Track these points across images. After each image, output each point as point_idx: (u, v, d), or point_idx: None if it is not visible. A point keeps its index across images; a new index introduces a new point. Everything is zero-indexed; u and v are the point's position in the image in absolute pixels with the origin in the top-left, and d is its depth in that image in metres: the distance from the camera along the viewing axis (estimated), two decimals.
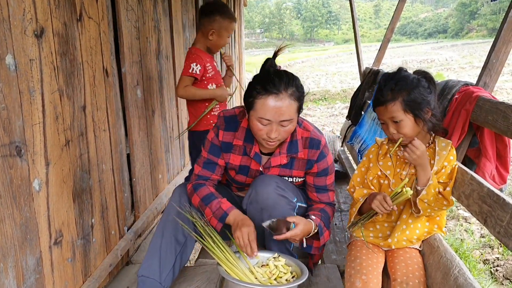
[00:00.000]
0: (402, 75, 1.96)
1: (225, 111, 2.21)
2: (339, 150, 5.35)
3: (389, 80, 1.96)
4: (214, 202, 2.06)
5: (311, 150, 2.12)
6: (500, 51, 2.25)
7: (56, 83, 1.77)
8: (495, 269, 3.45)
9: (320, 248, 2.19)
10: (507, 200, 1.59)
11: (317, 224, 2.07)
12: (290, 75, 1.95)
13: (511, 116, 1.75)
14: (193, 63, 2.86)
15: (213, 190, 2.13)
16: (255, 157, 2.12)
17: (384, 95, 1.94)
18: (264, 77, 1.93)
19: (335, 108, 11.96)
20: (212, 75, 2.99)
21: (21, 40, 1.52)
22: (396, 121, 1.94)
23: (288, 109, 1.89)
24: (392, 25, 5.32)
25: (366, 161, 2.18)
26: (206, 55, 2.97)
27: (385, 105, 1.94)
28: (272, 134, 1.92)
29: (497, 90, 11.60)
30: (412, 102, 1.89)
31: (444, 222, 2.09)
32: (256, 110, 1.91)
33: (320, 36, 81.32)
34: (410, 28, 79.16)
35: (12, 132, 1.48)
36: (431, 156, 2.01)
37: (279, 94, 1.87)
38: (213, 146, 2.17)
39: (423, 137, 2.03)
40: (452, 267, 1.80)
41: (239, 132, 2.12)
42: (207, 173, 2.20)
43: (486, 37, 46.62)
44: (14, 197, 1.49)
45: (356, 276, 1.92)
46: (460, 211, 4.55)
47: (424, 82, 1.95)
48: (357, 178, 2.19)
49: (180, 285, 2.27)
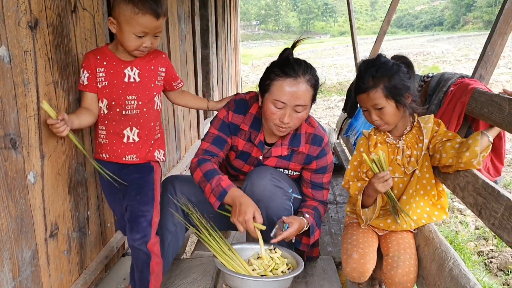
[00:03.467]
0: (382, 61, 1.97)
1: (237, 95, 2.23)
2: (335, 142, 5.36)
3: (370, 67, 1.97)
4: (216, 178, 1.97)
5: (312, 146, 2.12)
6: (495, 43, 2.25)
7: (50, 75, 1.75)
8: (490, 260, 3.48)
9: (309, 245, 2.20)
10: (502, 192, 1.60)
11: (309, 223, 2.09)
12: (308, 63, 1.98)
13: (506, 109, 1.76)
14: (81, 70, 1.91)
15: (216, 167, 2.06)
16: (259, 145, 2.12)
17: (365, 82, 1.95)
18: (283, 62, 1.95)
19: (331, 100, 11.97)
20: (105, 86, 1.91)
21: (15, 32, 1.50)
22: (378, 108, 1.95)
23: (304, 94, 1.91)
24: (388, 17, 5.32)
25: (357, 154, 2.19)
26: (104, 55, 1.92)
27: (367, 93, 1.95)
28: (285, 118, 1.92)
29: (493, 83, 11.61)
30: (393, 88, 1.91)
31: (447, 203, 2.09)
32: (272, 92, 1.92)
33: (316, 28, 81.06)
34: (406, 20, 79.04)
35: (7, 124, 1.47)
36: (418, 133, 2.03)
37: (297, 78, 1.90)
38: (224, 124, 2.16)
39: (405, 121, 2.05)
40: (447, 258, 1.81)
41: (247, 118, 2.13)
42: (215, 149, 2.14)
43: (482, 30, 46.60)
44: (9, 190, 1.48)
45: (353, 250, 1.98)
46: (455, 203, 4.58)
47: (404, 67, 1.96)
48: (351, 173, 2.20)
49: (176, 277, 2.28)
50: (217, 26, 6.69)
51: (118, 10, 1.79)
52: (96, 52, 1.93)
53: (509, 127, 1.75)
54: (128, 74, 1.94)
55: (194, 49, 4.75)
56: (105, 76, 1.91)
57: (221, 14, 7.13)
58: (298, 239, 2.20)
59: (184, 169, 4.24)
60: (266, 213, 2.04)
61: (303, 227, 2.05)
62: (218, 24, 6.81)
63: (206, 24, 5.76)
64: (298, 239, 2.20)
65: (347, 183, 2.19)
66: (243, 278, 1.79)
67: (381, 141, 2.09)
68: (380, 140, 2.09)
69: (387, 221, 2.11)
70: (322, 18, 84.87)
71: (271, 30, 79.08)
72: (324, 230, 3.02)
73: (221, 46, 7.10)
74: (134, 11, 1.77)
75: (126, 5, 1.77)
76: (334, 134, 5.56)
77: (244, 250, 2.06)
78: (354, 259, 1.95)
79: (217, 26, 6.72)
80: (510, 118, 1.72)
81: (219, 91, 7.07)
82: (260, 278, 1.85)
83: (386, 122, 1.98)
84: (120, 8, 1.78)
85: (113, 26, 1.85)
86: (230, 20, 8.28)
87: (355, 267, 1.94)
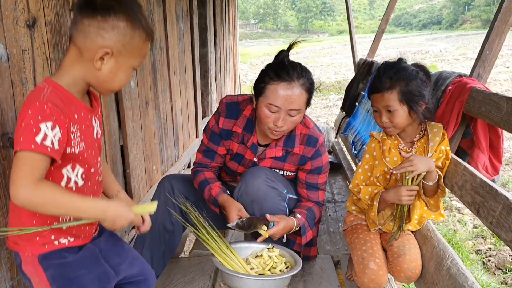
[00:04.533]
0: (402, 65, 1.97)
1: (228, 97, 2.21)
2: (333, 141, 5.37)
3: (389, 69, 1.96)
4: (206, 189, 2.13)
5: (307, 147, 2.12)
6: (493, 42, 2.25)
7: (49, 74, 1.75)
8: (488, 259, 3.49)
9: (302, 246, 2.20)
10: (500, 190, 1.60)
11: (299, 223, 2.09)
12: (304, 67, 1.97)
13: (504, 107, 1.76)
14: (43, 123, 1.15)
15: (207, 176, 2.18)
16: (252, 148, 2.12)
17: (382, 82, 1.94)
18: (278, 65, 1.94)
19: (329, 99, 11.97)
20: (82, 150, 1.31)
21: (13, 31, 1.50)
22: (390, 110, 1.94)
23: (299, 98, 1.90)
24: (386, 16, 5.31)
25: (370, 158, 2.14)
26: (68, 101, 1.27)
27: (382, 93, 1.94)
28: (279, 122, 1.92)
29: (491, 82, 11.63)
30: (408, 93, 1.90)
31: (442, 205, 2.10)
32: (266, 96, 1.91)
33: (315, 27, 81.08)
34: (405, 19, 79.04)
35: (5, 124, 1.47)
36: (427, 143, 2.02)
37: (291, 82, 1.88)
38: (213, 134, 2.18)
39: (414, 129, 2.04)
40: (445, 257, 1.82)
41: (240, 120, 2.12)
42: (206, 161, 2.23)
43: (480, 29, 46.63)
44: (7, 189, 1.48)
45: (370, 259, 1.94)
46: (453, 202, 4.59)
47: (422, 75, 1.95)
48: (361, 176, 2.15)
49: (174, 276, 2.28)
50: (215, 25, 6.68)
51: (117, 37, 1.24)
52: (55, 94, 1.22)
53: (507, 125, 1.75)
54: (95, 127, 1.41)
55: (193, 48, 4.75)
56: (80, 136, 1.30)
57: (219, 13, 7.12)
58: (292, 239, 2.21)
59: (182, 168, 4.24)
60: (260, 213, 2.05)
61: (291, 227, 2.05)
62: (217, 23, 6.80)
63: (204, 23, 5.75)
64: (292, 239, 2.20)
65: (356, 186, 2.15)
66: (242, 277, 1.80)
67: (393, 147, 2.07)
68: (393, 146, 2.07)
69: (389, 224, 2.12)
70: (321, 17, 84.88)
71: (270, 29, 79.08)
72: (322, 229, 3.03)
73: (219, 45, 7.10)
74: (143, 38, 1.30)
75: (133, 31, 1.27)
76: (332, 133, 5.57)
77: (243, 249, 2.06)
78: (372, 270, 1.90)
79: (216, 25, 6.72)
80: (508, 117, 1.72)
81: (218, 90, 7.07)
82: (258, 277, 1.85)
83: (394, 126, 1.96)
84: (120, 34, 1.25)
85: (104, 60, 1.26)
86: (228, 19, 8.27)
87: (373, 278, 1.89)
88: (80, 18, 1.23)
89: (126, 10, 1.25)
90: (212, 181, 2.15)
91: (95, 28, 1.22)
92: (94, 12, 1.22)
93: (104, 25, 1.23)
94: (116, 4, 1.24)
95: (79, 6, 1.25)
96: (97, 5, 1.22)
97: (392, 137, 2.07)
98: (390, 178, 2.08)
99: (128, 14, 1.25)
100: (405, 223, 2.01)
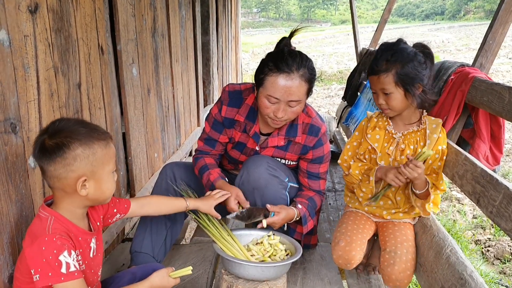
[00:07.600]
0: (400, 46, 1.95)
1: (231, 85, 2.20)
2: (334, 131, 5.37)
3: (386, 51, 1.95)
4: (205, 174, 2.14)
5: (309, 136, 2.12)
6: (497, 32, 2.24)
7: (51, 60, 1.75)
8: (487, 249, 3.51)
9: (303, 235, 2.21)
10: (500, 180, 1.61)
11: (300, 213, 2.10)
12: (304, 56, 1.94)
13: (506, 97, 1.76)
14: (61, 255, 1.29)
15: (207, 161, 2.20)
16: (254, 137, 2.13)
17: (378, 64, 1.94)
18: (277, 55, 1.92)
19: (331, 89, 11.94)
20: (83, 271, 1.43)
21: (15, 16, 1.50)
22: (386, 93, 1.95)
23: (298, 89, 1.89)
24: (389, 6, 5.29)
25: (358, 135, 2.19)
26: (76, 232, 1.42)
27: (378, 75, 1.94)
28: (279, 113, 1.91)
29: (493, 73, 11.59)
30: (404, 76, 1.89)
31: (439, 199, 2.10)
32: (265, 87, 1.91)
33: (317, 16, 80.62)
34: (407, 9, 78.60)
35: (7, 109, 1.47)
36: (422, 138, 2.02)
37: (291, 74, 1.87)
38: (216, 122, 2.19)
39: (412, 113, 2.05)
40: (445, 246, 1.83)
41: (242, 109, 2.12)
42: (207, 149, 2.25)
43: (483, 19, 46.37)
44: (9, 174, 1.49)
45: (341, 237, 2.01)
46: (453, 192, 4.60)
47: (421, 57, 1.94)
48: (349, 152, 2.21)
49: (175, 262, 2.30)
50: (217, 13, 6.65)
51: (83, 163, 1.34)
52: (58, 224, 1.37)
53: (508, 115, 1.75)
54: (92, 247, 1.51)
55: (195, 36, 4.73)
56: (82, 259, 1.43)
57: (221, 1, 7.08)
58: (292, 228, 2.22)
59: (184, 156, 4.24)
60: (262, 201, 2.06)
61: (292, 217, 2.07)
62: (219, 11, 6.77)
63: (206, 11, 5.72)
64: (293, 227, 2.21)
65: (345, 161, 2.20)
66: (242, 263, 1.81)
67: (381, 127, 2.08)
68: (380, 126, 2.09)
69: (382, 212, 2.13)
70: (323, 6, 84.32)
71: (272, 17, 78.66)
72: (322, 217, 3.04)
73: (221, 33, 7.07)
74: (102, 146, 1.40)
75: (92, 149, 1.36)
76: (334, 122, 5.57)
77: (243, 236, 2.07)
78: (340, 247, 1.97)
79: (218, 13, 6.68)
80: (510, 107, 1.72)
81: (219, 78, 7.05)
82: (259, 263, 1.86)
83: (391, 108, 1.98)
84: (84, 159, 1.34)
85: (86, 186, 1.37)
86: (230, 7, 8.23)
87: (340, 254, 1.96)
88: (45, 167, 1.34)
89: (73, 136, 1.33)
90: (211, 167, 2.17)
91: (62, 168, 1.32)
92: (51, 156, 1.31)
93: (66, 161, 1.32)
94: (64, 139, 1.32)
95: (37, 157, 1.35)
96: (49, 149, 1.32)
97: (383, 118, 2.09)
98: (372, 157, 2.11)
99: (78, 139, 1.33)
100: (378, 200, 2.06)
